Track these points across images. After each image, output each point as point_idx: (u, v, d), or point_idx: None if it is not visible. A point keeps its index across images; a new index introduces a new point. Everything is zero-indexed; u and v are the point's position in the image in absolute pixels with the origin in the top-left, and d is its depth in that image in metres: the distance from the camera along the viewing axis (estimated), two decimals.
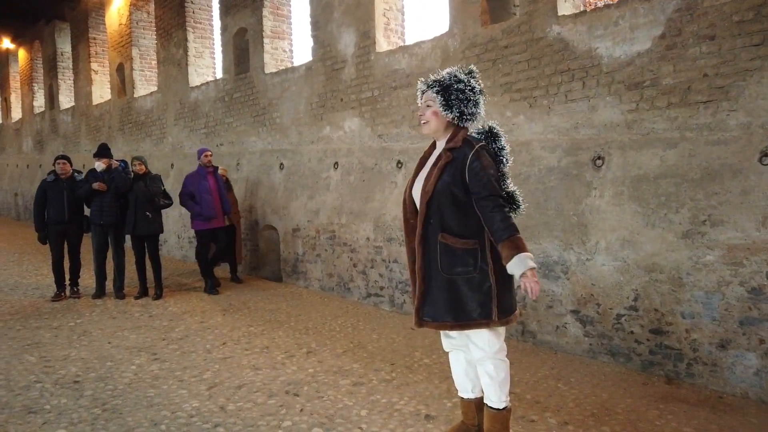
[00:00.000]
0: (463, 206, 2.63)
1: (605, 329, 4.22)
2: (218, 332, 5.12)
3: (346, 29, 6.45)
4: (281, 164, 7.51)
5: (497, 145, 2.75)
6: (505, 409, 2.74)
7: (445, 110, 2.67)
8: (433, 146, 2.86)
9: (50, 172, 6.50)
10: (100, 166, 6.38)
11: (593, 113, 4.38)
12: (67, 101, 14.30)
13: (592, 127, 4.40)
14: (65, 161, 6.50)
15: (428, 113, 2.72)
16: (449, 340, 2.88)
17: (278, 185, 7.53)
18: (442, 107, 2.67)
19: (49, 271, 6.92)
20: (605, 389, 3.74)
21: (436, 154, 2.78)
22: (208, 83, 8.99)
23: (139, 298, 6.44)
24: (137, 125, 10.97)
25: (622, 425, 3.21)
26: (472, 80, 2.68)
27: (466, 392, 2.92)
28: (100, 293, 6.51)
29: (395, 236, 5.81)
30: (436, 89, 2.68)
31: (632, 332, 4.07)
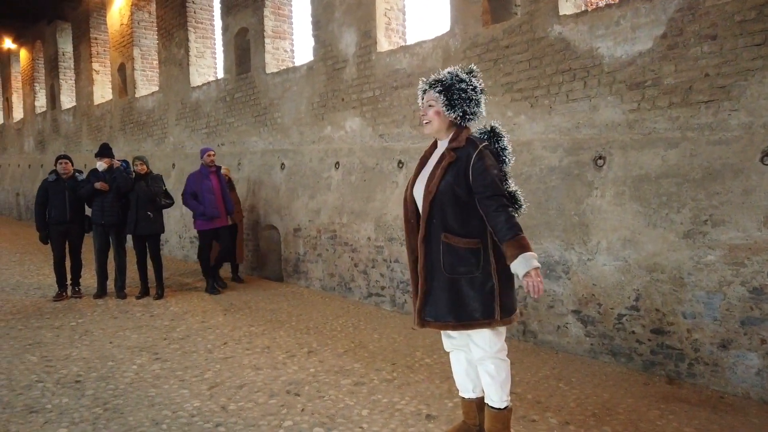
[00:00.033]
0: (465, 206, 2.63)
1: (606, 329, 4.22)
2: (219, 332, 5.12)
3: (347, 29, 6.45)
4: (282, 164, 7.52)
5: (499, 145, 2.77)
6: (506, 408, 2.74)
7: (448, 110, 2.67)
8: (434, 146, 2.85)
9: (51, 171, 6.51)
10: (101, 165, 6.40)
11: (594, 113, 4.37)
12: (68, 101, 14.32)
13: (593, 126, 4.40)
14: (67, 161, 6.51)
15: (431, 113, 2.72)
16: (450, 340, 2.88)
17: (279, 185, 7.54)
18: (444, 107, 2.67)
19: (50, 270, 6.92)
20: (606, 389, 3.74)
21: (437, 153, 2.77)
22: (209, 83, 9.00)
23: (140, 297, 6.45)
24: (138, 125, 10.98)
25: (623, 425, 3.21)
26: (473, 80, 2.69)
27: (467, 392, 2.92)
28: (101, 293, 6.52)
29: (396, 236, 5.81)
30: (438, 89, 2.68)
31: (633, 332, 4.07)
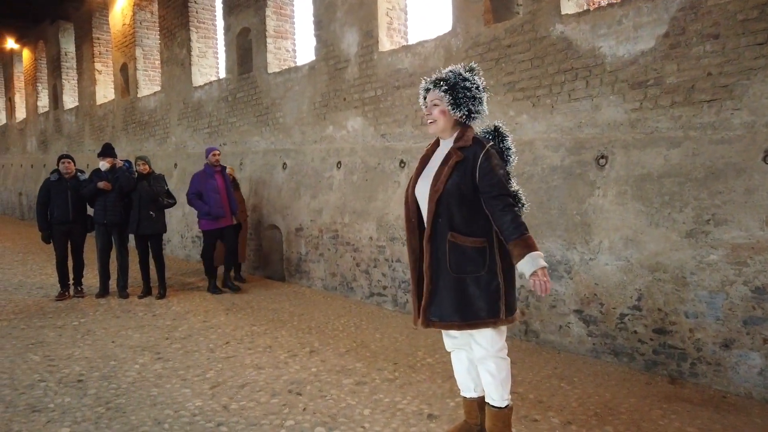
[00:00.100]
0: (472, 205, 2.62)
1: (608, 329, 4.21)
2: (221, 331, 5.13)
3: (349, 29, 6.45)
4: (284, 164, 7.52)
5: (503, 144, 2.78)
6: (506, 407, 2.74)
7: (453, 109, 2.66)
8: (435, 144, 2.85)
9: (53, 171, 6.51)
10: (104, 165, 6.41)
11: (596, 112, 4.37)
12: (70, 101, 14.34)
13: (595, 126, 4.39)
14: (69, 160, 6.52)
15: (436, 112, 2.71)
16: (452, 339, 2.88)
17: (281, 185, 7.54)
18: (450, 106, 2.66)
19: (53, 270, 6.94)
20: (608, 389, 3.73)
21: (441, 152, 2.76)
22: (211, 83, 9.01)
23: (142, 297, 6.46)
24: (141, 125, 11.00)
25: (625, 425, 3.21)
26: (476, 78, 2.69)
27: (468, 391, 2.92)
28: (103, 292, 6.54)
29: (398, 236, 5.81)
30: (444, 88, 2.67)
31: (636, 332, 4.06)
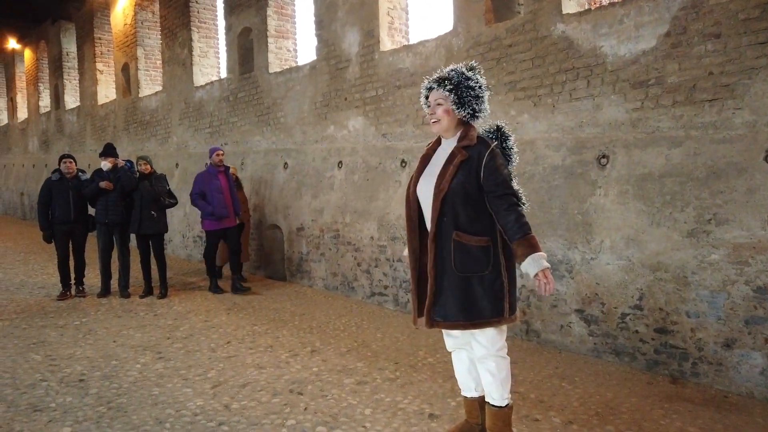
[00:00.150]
0: (476, 204, 2.63)
1: (610, 328, 4.21)
2: (223, 331, 5.13)
3: (350, 28, 6.45)
4: (285, 164, 7.52)
5: (506, 144, 2.79)
6: (507, 406, 2.74)
7: (458, 108, 2.66)
8: (436, 143, 2.85)
9: (54, 170, 6.52)
10: (105, 165, 6.42)
11: (598, 112, 4.36)
12: (72, 101, 14.36)
13: (596, 125, 4.39)
14: (70, 160, 6.53)
15: (440, 111, 2.70)
16: (452, 339, 2.88)
17: (282, 184, 7.54)
18: (455, 105, 2.66)
19: (54, 270, 6.95)
20: (610, 388, 3.73)
21: (444, 151, 2.76)
22: (212, 83, 9.01)
23: (144, 297, 6.46)
24: (142, 125, 11.01)
25: (626, 424, 3.21)
26: (478, 76, 2.69)
27: (469, 391, 2.92)
28: (105, 292, 6.54)
29: (399, 235, 5.81)
30: (448, 87, 2.66)
31: (637, 331, 4.06)
